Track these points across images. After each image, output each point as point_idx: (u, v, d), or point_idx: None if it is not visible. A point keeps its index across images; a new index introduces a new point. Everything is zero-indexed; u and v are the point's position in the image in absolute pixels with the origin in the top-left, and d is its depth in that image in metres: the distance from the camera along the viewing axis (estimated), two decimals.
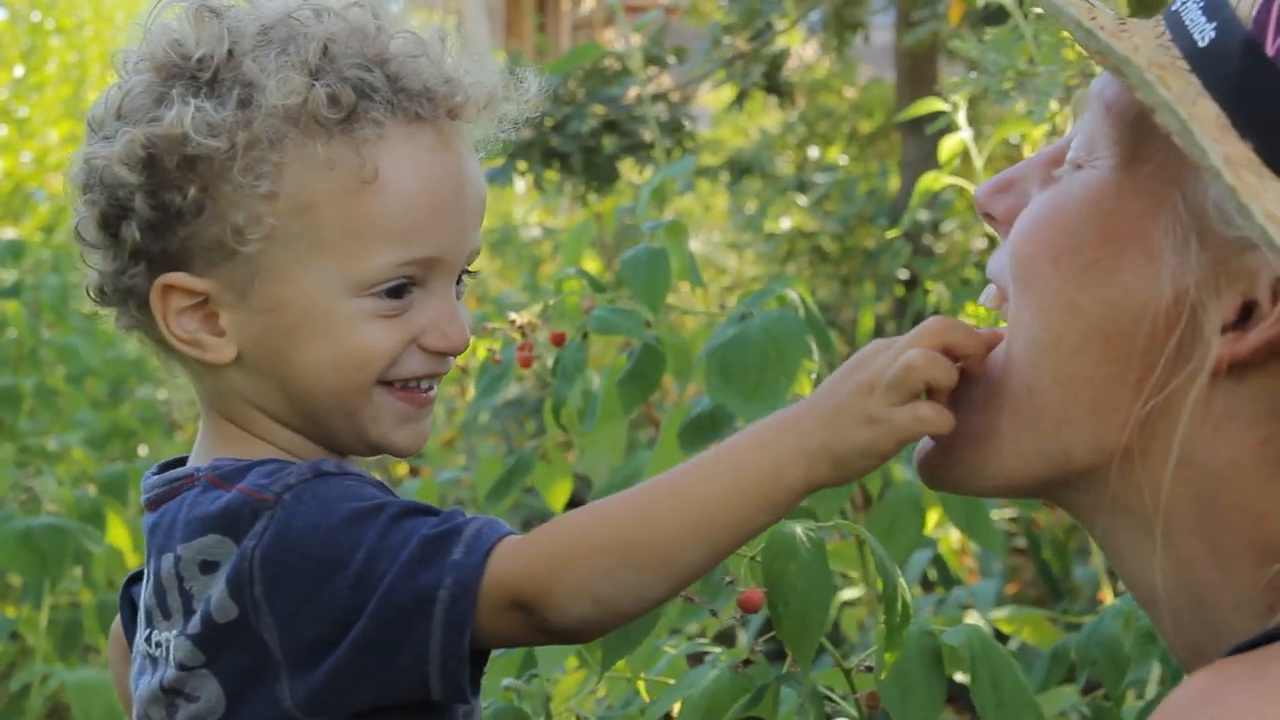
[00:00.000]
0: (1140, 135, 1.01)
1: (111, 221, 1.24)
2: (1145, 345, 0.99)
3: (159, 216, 1.22)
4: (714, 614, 1.42)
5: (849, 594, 3.02)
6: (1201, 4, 0.99)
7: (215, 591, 1.18)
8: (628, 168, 4.59)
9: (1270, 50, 0.93)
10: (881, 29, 4.73)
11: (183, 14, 1.25)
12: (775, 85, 4.57)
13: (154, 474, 1.32)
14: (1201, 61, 0.96)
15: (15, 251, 5.15)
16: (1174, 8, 1.02)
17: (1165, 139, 0.93)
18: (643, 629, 1.42)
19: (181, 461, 1.34)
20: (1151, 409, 0.99)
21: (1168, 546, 1.01)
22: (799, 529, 1.42)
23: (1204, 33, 0.97)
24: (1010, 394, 1.06)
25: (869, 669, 1.53)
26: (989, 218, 1.13)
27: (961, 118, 2.55)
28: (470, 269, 1.31)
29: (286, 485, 1.18)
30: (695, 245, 6.12)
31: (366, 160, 1.20)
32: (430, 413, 1.30)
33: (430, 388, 1.29)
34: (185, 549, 1.21)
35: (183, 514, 1.23)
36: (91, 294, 1.30)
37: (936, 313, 4.21)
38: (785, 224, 5.45)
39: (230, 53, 1.22)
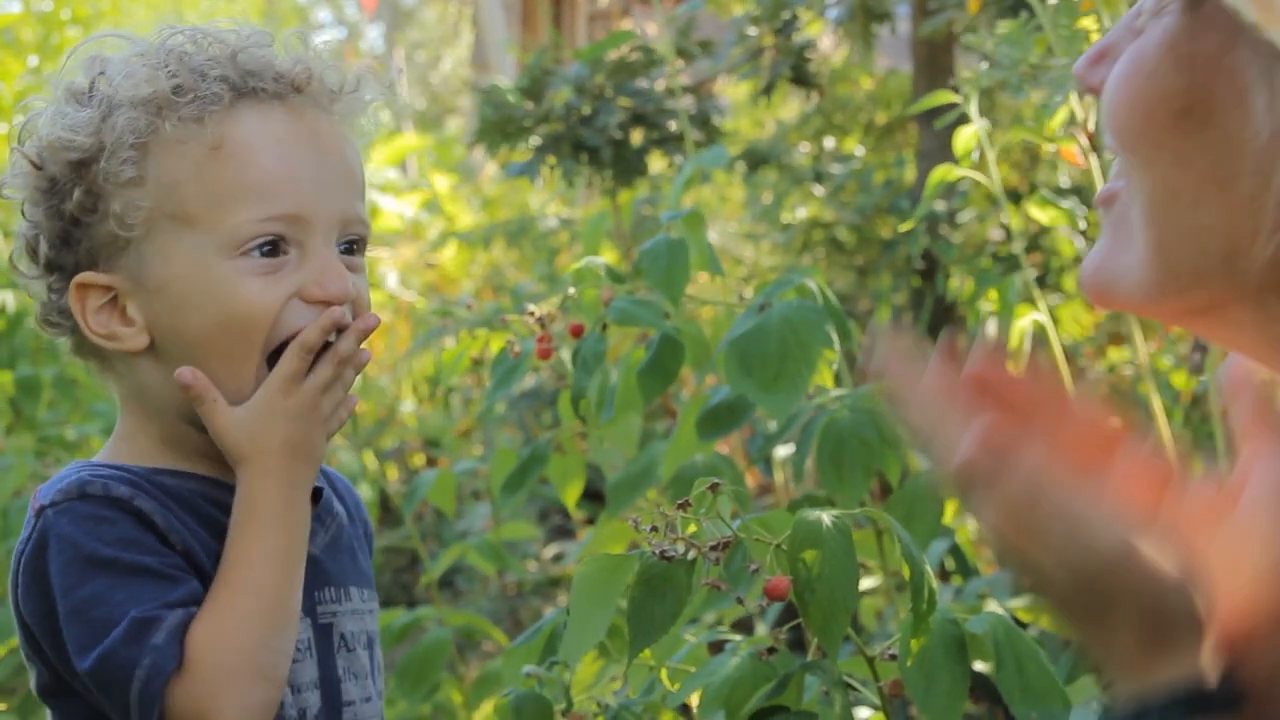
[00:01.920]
0: None
1: (32, 246, 1.39)
2: (1259, 184, 0.97)
3: (60, 225, 1.36)
4: (740, 601, 1.42)
5: (867, 583, 3.02)
6: None
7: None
8: (656, 160, 4.58)
9: None
10: (899, 19, 4.71)
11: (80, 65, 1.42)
12: (803, 77, 4.55)
13: None
14: None
15: None
16: None
17: None
18: (669, 615, 1.43)
19: None
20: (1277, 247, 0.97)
21: None
22: (825, 516, 1.42)
23: None
24: (1148, 252, 1.04)
25: (893, 657, 1.53)
26: (1093, 91, 1.11)
27: (974, 109, 2.54)
28: (360, 239, 1.41)
29: (53, 501, 1.31)
30: (712, 236, 6.12)
31: (213, 132, 1.33)
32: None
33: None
34: None
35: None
36: (39, 324, 1.43)
37: (956, 300, 4.20)
38: (801, 214, 5.44)
39: (102, 72, 1.38)
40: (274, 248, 1.34)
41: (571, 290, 1.94)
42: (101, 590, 1.28)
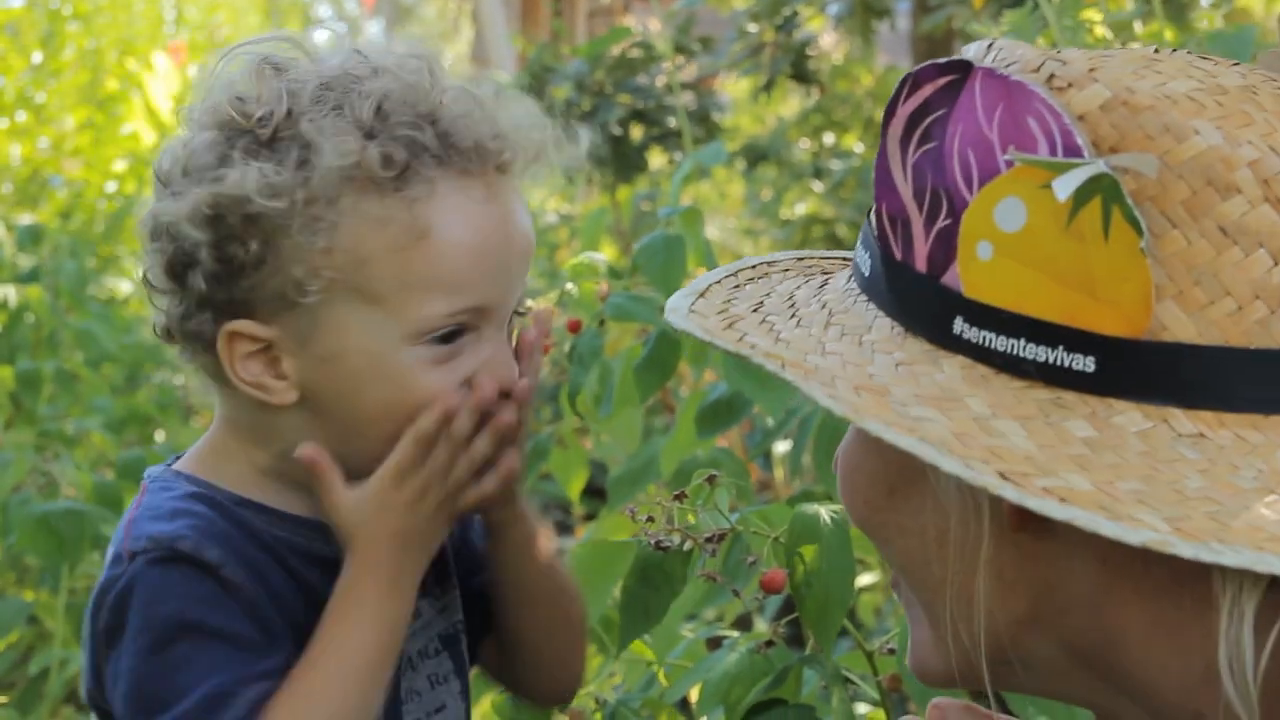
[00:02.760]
0: None
1: (178, 270, 1.29)
2: (959, 532, 1.03)
3: (223, 268, 1.26)
4: (736, 594, 1.43)
5: (865, 579, 3.02)
6: (862, 238, 1.09)
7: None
8: (655, 157, 4.59)
9: (898, 255, 1.03)
10: (899, 16, 4.71)
11: (246, 69, 1.30)
12: (803, 73, 4.56)
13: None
14: (871, 288, 1.06)
15: (34, 236, 5.17)
16: (855, 251, 1.11)
17: None
18: (662, 606, 1.43)
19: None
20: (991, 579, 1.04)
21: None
22: (823, 511, 1.42)
23: (865, 265, 1.07)
24: (928, 625, 1.10)
25: (891, 651, 1.54)
26: None
27: None
28: (520, 310, 1.36)
29: (144, 549, 1.26)
30: (711, 232, 6.12)
31: (418, 217, 1.25)
32: None
33: None
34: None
35: (125, 516, 1.33)
36: (158, 333, 1.35)
37: None
38: (801, 210, 5.44)
39: (289, 111, 1.26)
40: (453, 335, 1.28)
41: (570, 285, 1.94)
42: (185, 653, 1.24)
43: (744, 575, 1.44)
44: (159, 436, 4.70)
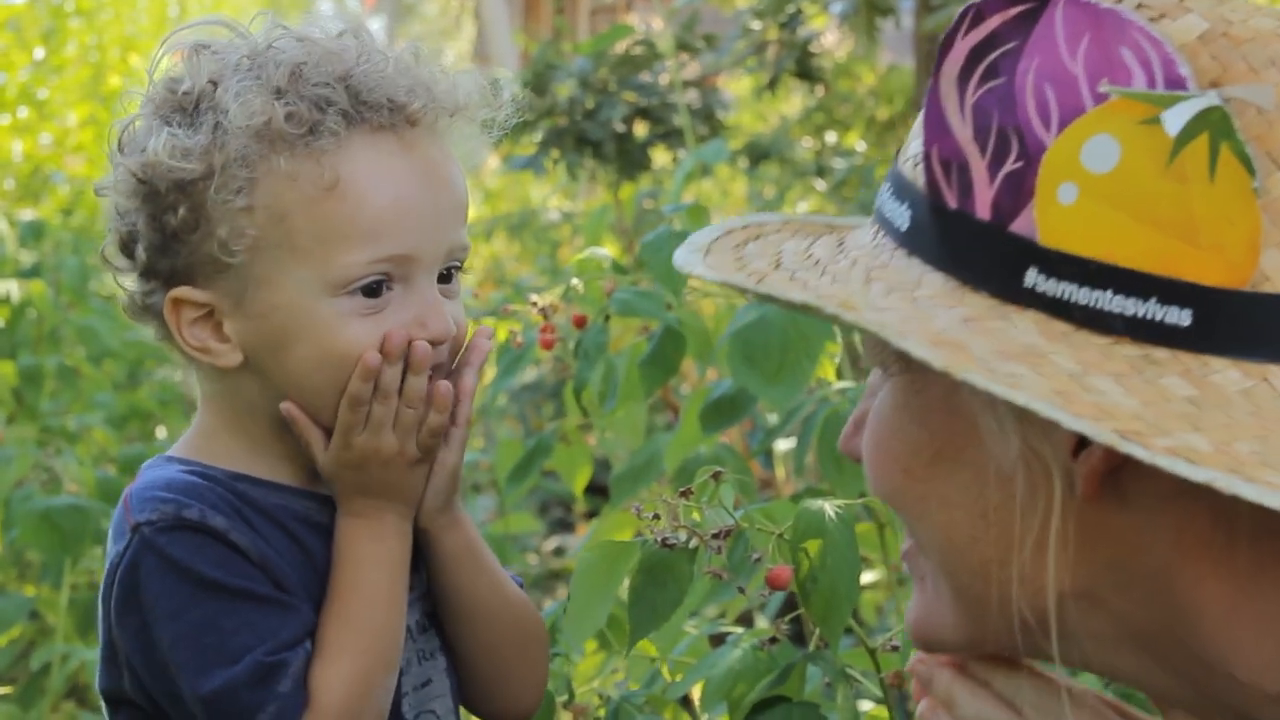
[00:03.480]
0: None
1: (128, 245, 1.36)
2: (1025, 501, 0.96)
3: (160, 237, 1.33)
4: (741, 591, 1.42)
5: (867, 577, 3.02)
6: (891, 190, 1.01)
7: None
8: (659, 155, 4.59)
9: (952, 203, 0.95)
10: (902, 14, 4.71)
11: (182, 55, 1.37)
12: (807, 71, 4.55)
13: None
14: (912, 242, 0.97)
15: (36, 232, 5.17)
16: (877, 205, 1.03)
17: None
18: (670, 604, 1.43)
19: None
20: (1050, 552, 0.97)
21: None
22: (828, 506, 1.42)
23: (901, 217, 0.98)
24: (952, 599, 1.04)
25: (895, 648, 1.54)
26: (856, 460, 1.11)
27: None
28: (460, 264, 1.39)
29: (149, 520, 1.30)
30: None
31: (326, 169, 1.30)
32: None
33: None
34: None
35: (123, 495, 1.37)
36: (126, 311, 1.41)
37: None
38: (803, 209, 5.45)
39: (212, 83, 1.33)
40: (378, 286, 1.32)
41: (575, 281, 1.94)
42: (211, 615, 1.28)
43: (749, 571, 1.43)
44: (160, 432, 4.71)
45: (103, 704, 1.38)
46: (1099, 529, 0.95)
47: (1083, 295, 0.90)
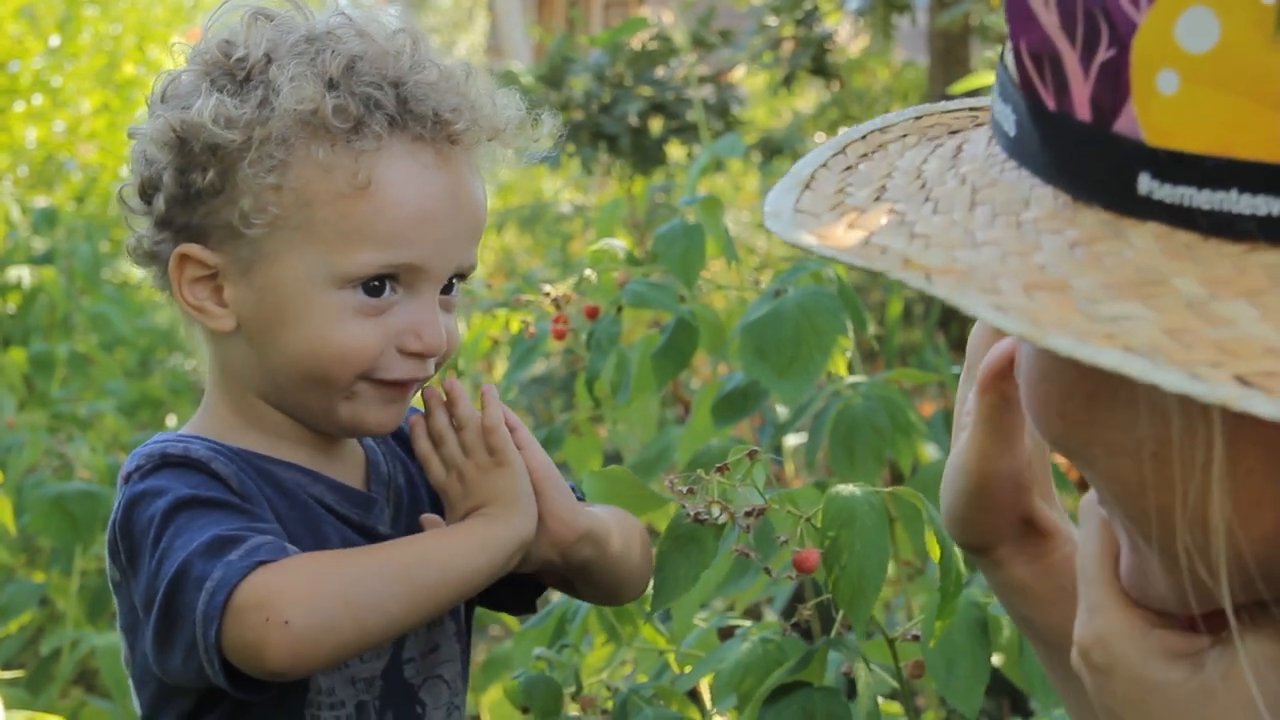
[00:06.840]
0: None
1: (148, 191, 1.38)
2: (1183, 434, 0.84)
3: (182, 192, 1.35)
4: (768, 572, 1.42)
5: None
6: (998, 90, 0.89)
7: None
8: (674, 149, 4.58)
9: (1051, 104, 0.84)
10: (917, 11, 4.71)
11: (241, 18, 1.38)
12: (822, 67, 4.55)
13: None
14: (1020, 151, 0.86)
15: (48, 219, 5.18)
16: (991, 108, 0.92)
17: None
18: (692, 576, 1.43)
19: None
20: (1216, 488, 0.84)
21: None
22: (858, 490, 1.42)
23: (1008, 121, 0.87)
24: (1150, 554, 0.92)
25: (915, 638, 1.53)
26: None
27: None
28: (464, 278, 1.41)
29: (138, 467, 1.33)
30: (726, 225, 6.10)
31: (363, 169, 1.32)
32: (409, 397, 1.41)
33: (411, 382, 1.40)
34: None
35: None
36: (129, 253, 1.43)
37: None
38: None
39: (268, 57, 1.34)
40: (381, 286, 1.34)
41: (589, 271, 1.94)
42: (184, 522, 1.27)
43: (776, 553, 1.43)
44: (171, 420, 4.71)
45: (131, 685, 1.38)
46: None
47: (1204, 199, 0.77)
